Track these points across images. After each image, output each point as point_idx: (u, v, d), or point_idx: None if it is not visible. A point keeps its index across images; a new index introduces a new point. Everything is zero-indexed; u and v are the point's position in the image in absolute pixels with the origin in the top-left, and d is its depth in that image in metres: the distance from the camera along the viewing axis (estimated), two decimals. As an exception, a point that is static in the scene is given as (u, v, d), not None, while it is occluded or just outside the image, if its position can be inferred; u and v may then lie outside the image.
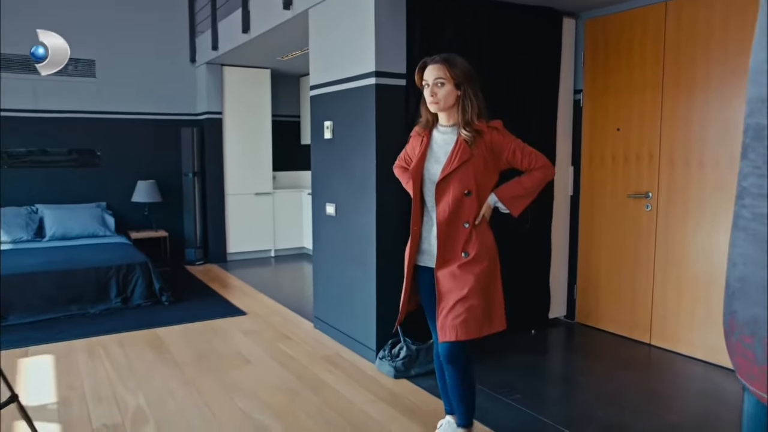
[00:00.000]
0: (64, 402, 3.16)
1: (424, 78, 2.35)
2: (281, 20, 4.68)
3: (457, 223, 2.32)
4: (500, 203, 2.37)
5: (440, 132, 2.41)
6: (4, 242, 5.81)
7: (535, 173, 2.37)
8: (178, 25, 7.06)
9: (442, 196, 2.33)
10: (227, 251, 7.26)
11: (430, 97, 2.33)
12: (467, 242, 2.32)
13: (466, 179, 2.29)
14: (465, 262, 2.31)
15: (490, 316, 2.34)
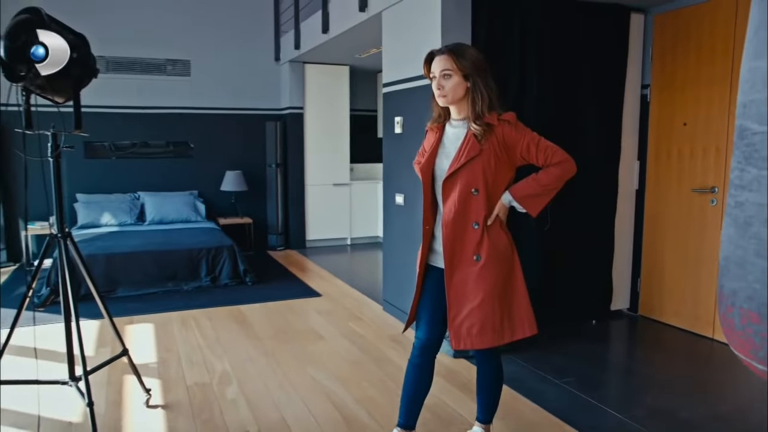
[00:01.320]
0: (162, 362, 3.64)
1: (431, 70, 2.21)
2: (357, 21, 4.99)
3: (464, 223, 2.19)
4: (515, 202, 2.22)
5: (452, 126, 2.28)
6: (112, 225, 6.51)
7: (552, 169, 2.19)
8: (264, 26, 7.56)
9: (449, 194, 2.20)
10: (306, 238, 7.73)
11: (436, 90, 2.19)
12: (479, 245, 2.18)
13: (474, 177, 2.15)
14: (478, 267, 2.18)
15: (511, 323, 2.23)
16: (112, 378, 3.33)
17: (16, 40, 2.25)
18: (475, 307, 2.17)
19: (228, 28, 7.36)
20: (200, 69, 7.30)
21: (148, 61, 7.04)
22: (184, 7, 7.11)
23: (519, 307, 2.24)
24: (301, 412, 2.98)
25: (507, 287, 2.22)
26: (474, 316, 2.18)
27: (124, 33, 6.85)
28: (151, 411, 2.96)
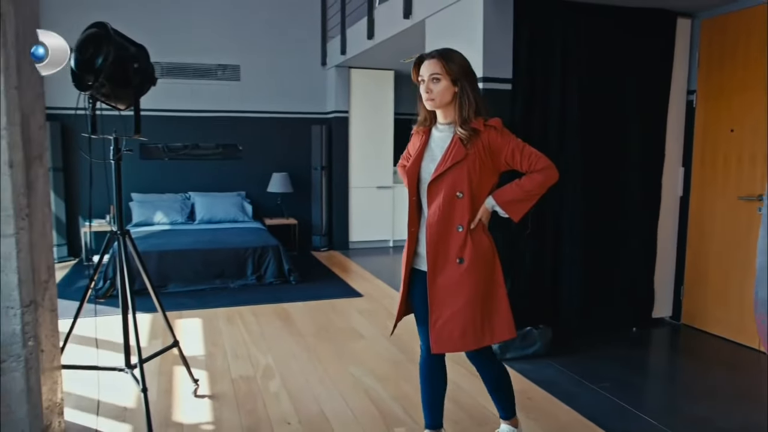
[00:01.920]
0: (209, 355, 3.82)
1: (420, 74, 2.22)
2: (402, 28, 5.10)
3: (448, 226, 2.20)
4: (498, 207, 2.24)
5: (438, 130, 2.29)
6: (164, 223, 6.80)
7: (535, 175, 2.20)
8: (311, 32, 7.75)
9: (434, 197, 2.21)
10: (349, 239, 7.87)
11: (425, 93, 2.20)
12: (462, 248, 2.19)
13: (459, 180, 2.17)
14: (461, 270, 2.19)
15: (491, 326, 2.24)
16: (163, 368, 3.53)
17: (85, 52, 2.45)
18: (457, 310, 2.18)
19: (276, 35, 7.58)
20: (249, 74, 7.54)
21: (201, 67, 7.32)
22: (235, 15, 7.36)
23: (499, 310, 2.25)
24: (339, 406, 3.10)
25: (488, 290, 2.23)
26: (455, 319, 2.18)
27: (179, 40, 7.15)
28: (199, 400, 3.13)
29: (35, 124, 2.34)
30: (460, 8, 4.07)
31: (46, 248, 2.47)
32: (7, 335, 2.16)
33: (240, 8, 7.38)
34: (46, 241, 2.47)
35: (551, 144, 4.00)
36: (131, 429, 2.79)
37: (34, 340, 2.23)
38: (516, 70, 3.88)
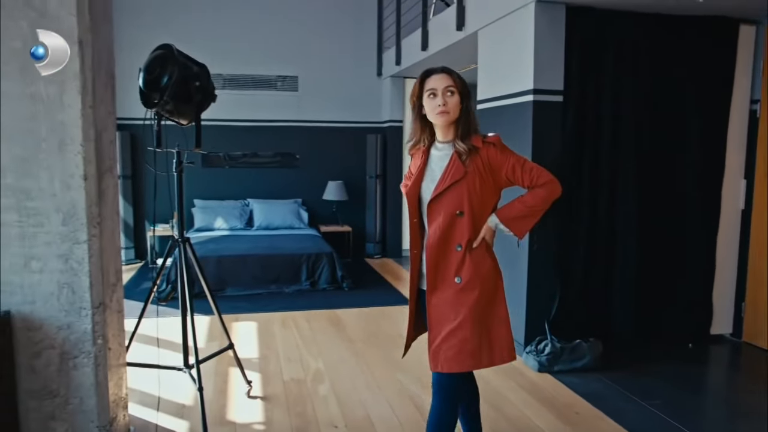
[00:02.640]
0: (263, 358, 3.97)
1: (430, 87, 2.14)
2: (455, 40, 5.15)
3: (449, 245, 2.15)
4: (501, 225, 2.17)
5: (437, 149, 2.23)
6: (223, 229, 7.08)
7: (538, 191, 2.16)
8: (367, 44, 7.90)
9: (435, 217, 2.16)
10: (402, 247, 7.95)
11: (439, 106, 2.11)
12: (460, 267, 2.14)
13: (459, 199, 2.12)
14: (458, 289, 2.13)
15: (489, 348, 2.16)
16: (219, 369, 3.70)
17: (152, 72, 2.63)
18: (452, 329, 2.12)
19: (334, 46, 7.76)
20: (307, 84, 7.75)
21: (261, 78, 7.59)
22: (294, 28, 7.60)
23: (499, 332, 2.18)
24: (385, 411, 3.17)
25: (487, 311, 2.15)
26: (452, 338, 2.12)
27: (241, 53, 7.44)
28: (251, 401, 3.28)
29: (107, 139, 2.54)
30: (512, 20, 4.09)
31: (115, 254, 2.66)
32: (79, 333, 2.34)
33: (299, 21, 7.61)
34: (115, 247, 2.66)
35: (603, 156, 3.97)
36: (188, 426, 2.96)
37: (102, 339, 2.41)
38: (567, 81, 3.87)
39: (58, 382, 2.35)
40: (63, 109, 2.25)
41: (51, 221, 2.28)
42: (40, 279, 2.29)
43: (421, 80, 2.18)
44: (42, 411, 2.35)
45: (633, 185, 4.01)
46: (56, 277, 2.30)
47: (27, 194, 2.26)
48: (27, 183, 2.25)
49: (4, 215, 2.25)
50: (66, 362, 2.34)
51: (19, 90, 2.22)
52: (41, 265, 2.29)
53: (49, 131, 2.25)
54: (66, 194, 2.28)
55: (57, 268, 2.30)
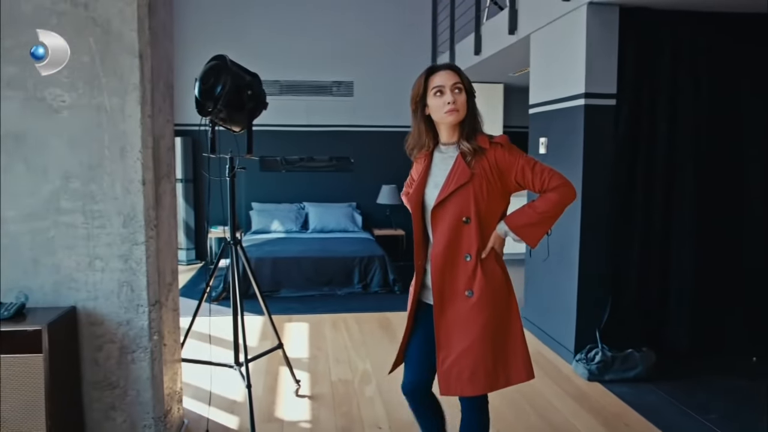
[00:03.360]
0: (313, 358, 4.07)
1: (437, 84, 1.99)
2: (507, 44, 5.12)
3: (455, 255, 1.99)
4: (511, 233, 2.01)
5: (441, 152, 2.09)
6: (279, 231, 7.27)
7: (550, 195, 1.98)
8: (421, 48, 7.93)
9: (439, 225, 2.01)
10: (455, 252, 7.93)
11: (449, 104, 1.97)
12: (470, 279, 1.98)
13: (465, 204, 1.97)
14: (470, 304, 1.97)
15: (506, 367, 2.01)
16: (270, 367, 3.82)
17: (206, 82, 2.77)
18: (465, 348, 1.96)
19: (388, 52, 7.85)
20: (362, 89, 7.87)
21: (317, 84, 7.76)
22: (349, 33, 7.73)
23: (515, 349, 2.02)
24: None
25: (502, 327, 2.00)
26: (465, 359, 1.97)
27: (298, 60, 7.64)
28: (299, 399, 3.37)
29: (164, 146, 2.69)
30: (564, 23, 4.04)
31: (171, 255, 2.81)
32: (137, 329, 2.49)
33: (354, 28, 7.74)
34: (171, 249, 2.81)
35: (658, 162, 3.87)
36: (238, 421, 3.08)
37: (158, 335, 2.55)
38: (621, 84, 3.79)
39: (118, 375, 2.50)
40: (124, 119, 2.40)
41: (112, 223, 2.43)
42: (103, 277, 2.45)
43: (425, 77, 2.03)
44: (103, 401, 2.51)
45: (690, 190, 3.88)
46: (117, 275, 2.45)
47: (92, 198, 2.42)
48: (92, 187, 2.41)
49: (72, 217, 2.42)
50: (125, 356, 2.49)
51: (86, 101, 2.39)
52: (103, 264, 2.44)
53: (112, 139, 2.40)
54: (126, 198, 2.43)
55: (117, 268, 2.45)
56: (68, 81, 2.36)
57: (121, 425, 2.52)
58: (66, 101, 2.37)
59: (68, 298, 2.44)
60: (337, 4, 7.70)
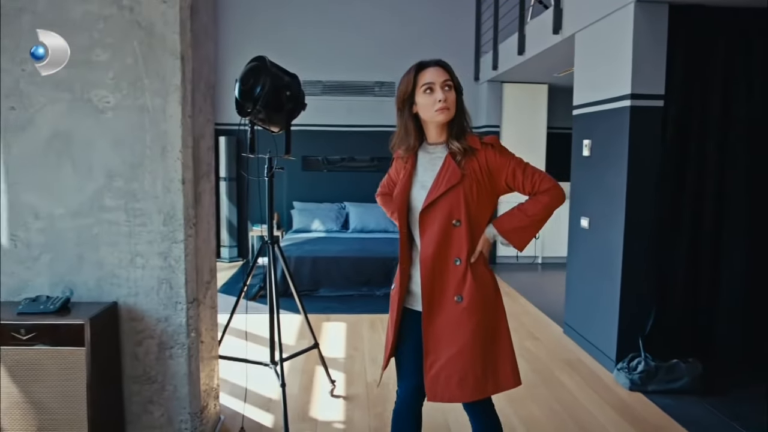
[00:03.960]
0: (349, 358, 4.08)
1: (427, 81, 1.93)
2: (552, 43, 5.03)
3: (445, 259, 1.93)
4: (500, 236, 1.98)
5: (428, 152, 2.03)
6: (320, 231, 7.33)
7: (541, 197, 1.94)
8: (464, 48, 7.87)
9: (427, 228, 1.94)
10: (496, 254, 7.84)
11: (440, 102, 1.91)
12: (461, 284, 1.92)
13: (455, 207, 1.90)
14: (459, 309, 1.91)
15: (495, 373, 1.95)
16: (306, 366, 3.85)
17: (246, 83, 2.80)
18: (454, 354, 1.91)
19: (431, 51, 7.73)
20: (404, 90, 7.83)
21: (358, 84, 7.79)
22: (392, 33, 7.72)
23: (504, 354, 1.98)
24: (463, 418, 3.12)
25: (491, 332, 1.95)
26: (453, 364, 1.92)
27: (340, 60, 7.68)
28: (334, 400, 3.38)
29: (204, 145, 2.74)
30: (610, 22, 3.93)
31: (210, 253, 2.86)
32: (175, 326, 2.54)
33: (397, 27, 7.73)
34: (210, 247, 2.86)
35: (708, 165, 3.74)
36: (273, 419, 3.11)
37: (195, 332, 2.60)
38: (669, 85, 3.67)
39: (156, 370, 2.56)
40: (165, 119, 2.45)
41: (153, 221, 2.49)
42: (143, 274, 2.51)
43: (414, 74, 1.97)
44: (142, 395, 2.57)
45: (741, 194, 3.73)
46: (156, 273, 2.50)
47: (134, 196, 2.48)
48: (134, 186, 2.47)
49: (115, 215, 2.48)
50: (163, 352, 2.55)
51: (129, 102, 2.45)
52: (144, 262, 2.50)
53: (153, 139, 2.46)
54: (167, 197, 2.48)
55: (157, 265, 2.50)
56: (113, 82, 2.43)
57: (159, 419, 2.58)
58: (110, 102, 2.44)
59: (110, 294, 2.50)
60: (380, 5, 7.71)
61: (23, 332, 2.26)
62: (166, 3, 2.40)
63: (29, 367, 2.28)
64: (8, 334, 2.27)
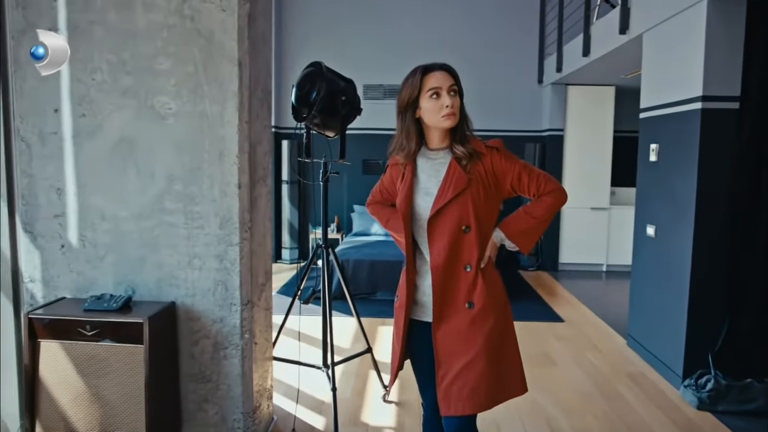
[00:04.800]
0: (403, 364, 4.05)
1: (433, 86, 1.87)
2: (618, 44, 4.85)
3: (456, 267, 1.88)
4: (507, 240, 1.95)
5: (428, 157, 1.97)
6: (378, 234, 7.34)
7: (546, 199, 1.92)
8: (528, 50, 7.72)
9: (436, 236, 1.88)
10: (559, 261, 7.63)
11: (447, 108, 1.86)
12: (471, 290, 1.87)
13: (464, 212, 1.86)
14: (471, 316, 1.86)
15: (504, 381, 1.91)
16: (360, 370, 3.85)
17: (302, 88, 2.84)
18: (467, 363, 1.85)
19: (493, 55, 7.70)
20: (465, 93, 7.71)
21: (420, 88, 7.75)
22: (454, 36, 7.67)
23: (512, 362, 1.94)
24: (516, 430, 3.07)
25: (502, 339, 1.90)
26: (466, 375, 1.85)
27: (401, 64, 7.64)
28: (386, 405, 3.37)
29: (261, 151, 2.79)
30: (681, 21, 3.75)
31: (265, 256, 2.91)
32: (230, 327, 2.60)
33: (459, 30, 7.67)
34: (265, 250, 2.91)
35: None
36: (325, 422, 3.13)
37: (249, 334, 2.65)
38: (745, 87, 3.45)
39: (211, 369, 2.62)
40: (223, 125, 2.51)
41: (210, 224, 2.55)
42: (200, 275, 2.58)
43: (420, 78, 1.90)
44: (198, 393, 2.64)
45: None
46: (213, 274, 2.57)
47: (192, 199, 2.55)
48: (192, 190, 2.55)
49: (175, 218, 2.56)
50: (218, 352, 2.61)
51: (189, 108, 2.53)
52: (201, 263, 2.57)
53: (211, 144, 2.52)
54: (223, 200, 2.54)
55: (213, 267, 2.57)
56: (174, 89, 2.51)
57: (213, 417, 2.64)
58: (172, 108, 2.52)
59: (169, 294, 2.59)
60: (442, 8, 7.67)
61: (88, 328, 2.37)
62: (225, 11, 2.46)
63: (94, 363, 2.39)
64: (75, 329, 2.39)
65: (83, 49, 2.52)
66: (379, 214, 2.19)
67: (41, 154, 2.58)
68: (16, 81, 2.57)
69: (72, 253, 2.62)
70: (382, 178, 2.16)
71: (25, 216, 2.62)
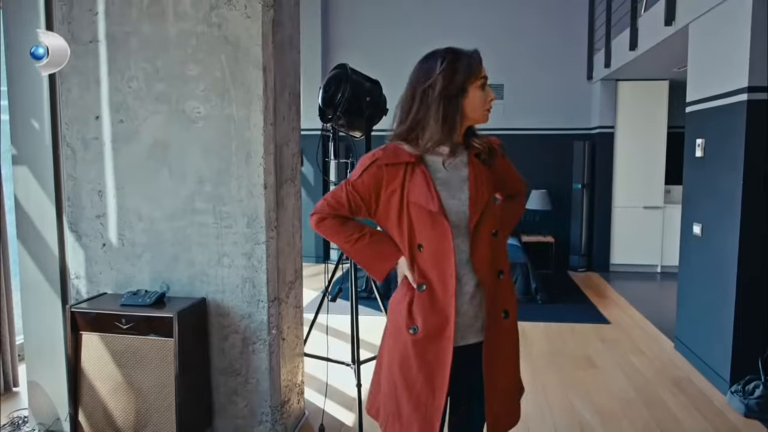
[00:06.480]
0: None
1: (485, 74, 1.70)
2: (664, 36, 4.69)
3: (495, 275, 1.69)
4: None
5: (440, 153, 1.69)
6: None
7: (521, 198, 1.95)
8: (577, 47, 7.55)
9: (478, 242, 1.65)
10: (610, 261, 7.42)
11: (490, 101, 1.70)
12: (505, 299, 1.72)
13: (492, 214, 1.69)
14: (506, 328, 1.72)
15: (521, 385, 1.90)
16: (395, 368, 3.87)
17: (328, 90, 2.90)
18: (508, 384, 1.76)
19: (541, 52, 7.58)
20: (513, 92, 7.68)
21: (465, 88, 7.71)
22: (500, 36, 7.58)
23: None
24: (547, 434, 3.03)
25: None
26: (506, 393, 1.75)
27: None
28: (416, 403, 3.37)
29: (288, 152, 2.87)
30: (727, 9, 3.60)
31: (294, 255, 2.98)
32: (257, 323, 2.68)
33: (505, 29, 7.58)
34: (294, 249, 2.98)
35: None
36: (354, 418, 3.17)
37: (276, 330, 2.72)
38: (796, 76, 3.28)
39: (240, 363, 2.71)
40: (249, 128, 2.60)
41: (238, 224, 2.65)
42: (229, 273, 2.67)
43: (477, 64, 1.69)
44: (228, 386, 2.74)
45: None
46: (241, 272, 2.66)
47: (221, 200, 2.65)
48: (221, 190, 2.65)
49: (205, 217, 2.67)
50: (247, 346, 2.70)
51: (218, 112, 2.63)
52: (230, 261, 2.67)
53: (239, 146, 2.62)
54: (250, 201, 2.63)
55: (242, 264, 2.66)
56: (203, 94, 2.62)
57: (242, 410, 2.73)
58: (201, 112, 2.63)
59: (200, 290, 2.70)
60: (490, 4, 7.60)
61: (123, 322, 2.51)
62: (250, 18, 2.55)
63: (130, 355, 2.52)
64: (112, 323, 2.53)
65: (120, 59, 2.67)
66: (340, 231, 1.75)
67: (84, 158, 2.75)
68: (62, 92, 2.74)
69: (112, 251, 2.77)
70: (352, 182, 1.69)
71: (71, 216, 2.80)
